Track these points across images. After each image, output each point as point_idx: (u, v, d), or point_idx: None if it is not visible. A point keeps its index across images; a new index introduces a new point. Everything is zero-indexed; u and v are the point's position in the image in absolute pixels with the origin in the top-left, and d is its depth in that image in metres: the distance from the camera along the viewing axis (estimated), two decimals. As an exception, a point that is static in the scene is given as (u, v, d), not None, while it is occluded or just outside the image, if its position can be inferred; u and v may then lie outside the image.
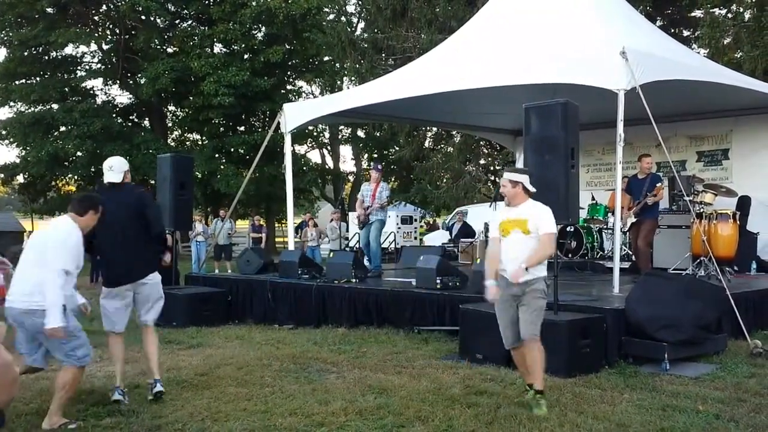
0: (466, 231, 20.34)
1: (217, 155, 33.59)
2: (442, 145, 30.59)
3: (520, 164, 16.08)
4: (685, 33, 26.21)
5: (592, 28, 11.30)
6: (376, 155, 41.44)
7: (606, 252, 13.59)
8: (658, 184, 11.08)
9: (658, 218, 11.57)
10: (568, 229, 13.48)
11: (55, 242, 5.70)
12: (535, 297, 6.00)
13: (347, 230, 22.54)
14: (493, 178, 30.65)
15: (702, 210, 11.54)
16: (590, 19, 11.62)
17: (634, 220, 11.31)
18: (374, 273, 12.47)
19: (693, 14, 24.98)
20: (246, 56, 33.44)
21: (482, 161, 30.94)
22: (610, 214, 13.28)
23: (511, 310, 6.07)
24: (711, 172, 14.40)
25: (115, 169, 6.74)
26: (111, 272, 6.70)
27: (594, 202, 14.04)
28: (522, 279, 5.88)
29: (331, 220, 22.27)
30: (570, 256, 13.63)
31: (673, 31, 23.73)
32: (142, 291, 6.66)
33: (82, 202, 6.06)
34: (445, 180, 28.91)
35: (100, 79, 36.66)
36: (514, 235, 6.03)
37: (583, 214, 13.09)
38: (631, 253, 12.51)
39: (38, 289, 5.55)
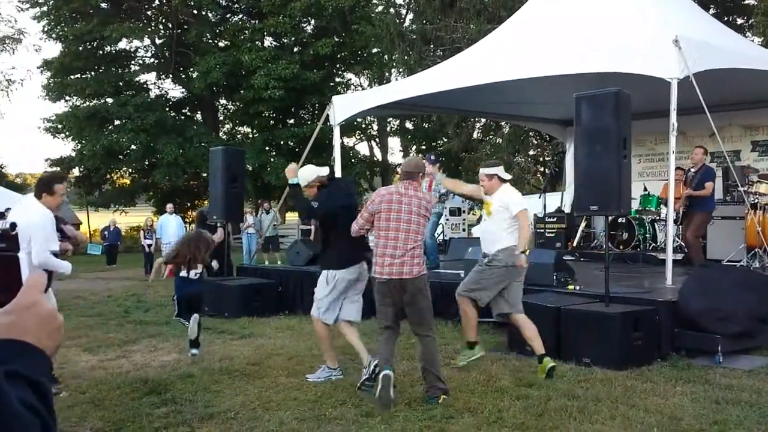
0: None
1: (267, 148, 33.82)
2: (491, 136, 30.47)
3: (570, 155, 15.98)
4: (739, 21, 25.79)
5: (644, 16, 11.15)
6: (424, 147, 41.35)
7: (658, 243, 13.39)
8: (707, 183, 11.01)
9: (712, 211, 11.41)
10: (620, 220, 13.34)
11: None
12: None
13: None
14: (542, 168, 30.45)
15: (756, 201, 11.35)
16: (642, 7, 11.47)
17: (685, 210, 11.21)
18: (431, 266, 12.34)
19: (746, 2, 24.60)
20: (295, 49, 33.64)
21: (531, 152, 30.74)
22: (662, 205, 13.10)
23: None
24: (766, 162, 14.12)
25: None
26: None
27: (646, 192, 13.84)
28: None
29: (380, 211, 22.27)
30: (622, 248, 13.47)
31: (726, 19, 23.36)
32: None
33: None
34: (494, 171, 28.70)
35: (154, 74, 37.23)
36: None
37: (635, 205, 12.93)
38: (683, 244, 12.35)
39: None
